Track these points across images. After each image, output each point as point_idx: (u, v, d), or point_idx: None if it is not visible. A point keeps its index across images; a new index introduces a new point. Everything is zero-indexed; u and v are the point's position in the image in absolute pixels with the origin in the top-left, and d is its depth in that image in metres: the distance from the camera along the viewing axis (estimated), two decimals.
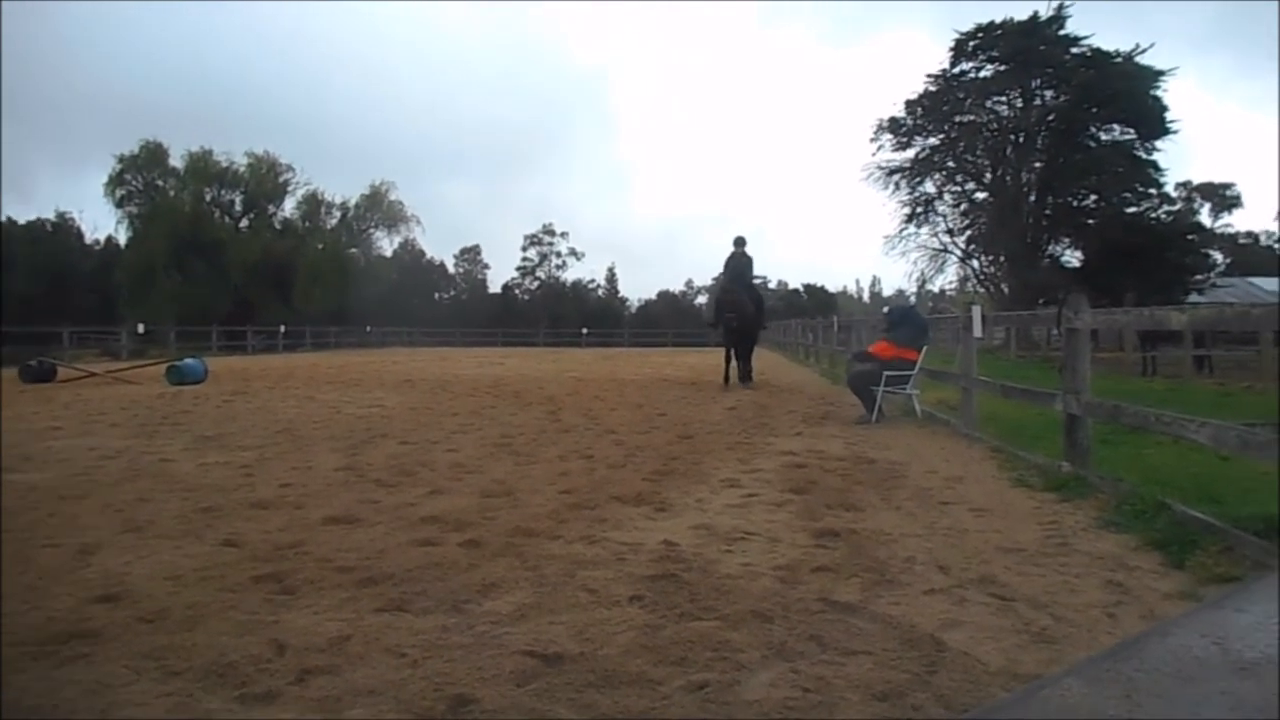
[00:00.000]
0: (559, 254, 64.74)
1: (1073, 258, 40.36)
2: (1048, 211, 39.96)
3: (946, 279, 47.18)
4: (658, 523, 4.61)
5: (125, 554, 3.93)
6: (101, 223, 67.37)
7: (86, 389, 14.56)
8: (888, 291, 78.13)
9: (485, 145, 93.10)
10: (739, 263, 15.03)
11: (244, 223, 51.10)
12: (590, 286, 66.63)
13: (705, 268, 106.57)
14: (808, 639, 2.85)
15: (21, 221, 46.37)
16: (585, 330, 51.59)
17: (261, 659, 2.67)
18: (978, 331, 8.52)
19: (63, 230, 47.48)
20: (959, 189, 43.12)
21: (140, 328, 30.84)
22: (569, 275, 65.64)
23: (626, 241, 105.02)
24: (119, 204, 47.86)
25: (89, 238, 48.97)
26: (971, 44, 39.59)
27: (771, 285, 72.60)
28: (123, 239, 48.24)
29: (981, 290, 42.96)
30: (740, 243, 15.06)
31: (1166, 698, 0.97)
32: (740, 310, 14.25)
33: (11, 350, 23.38)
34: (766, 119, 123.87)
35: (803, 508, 4.94)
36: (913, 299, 41.22)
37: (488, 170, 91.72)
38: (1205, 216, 59.03)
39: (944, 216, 43.62)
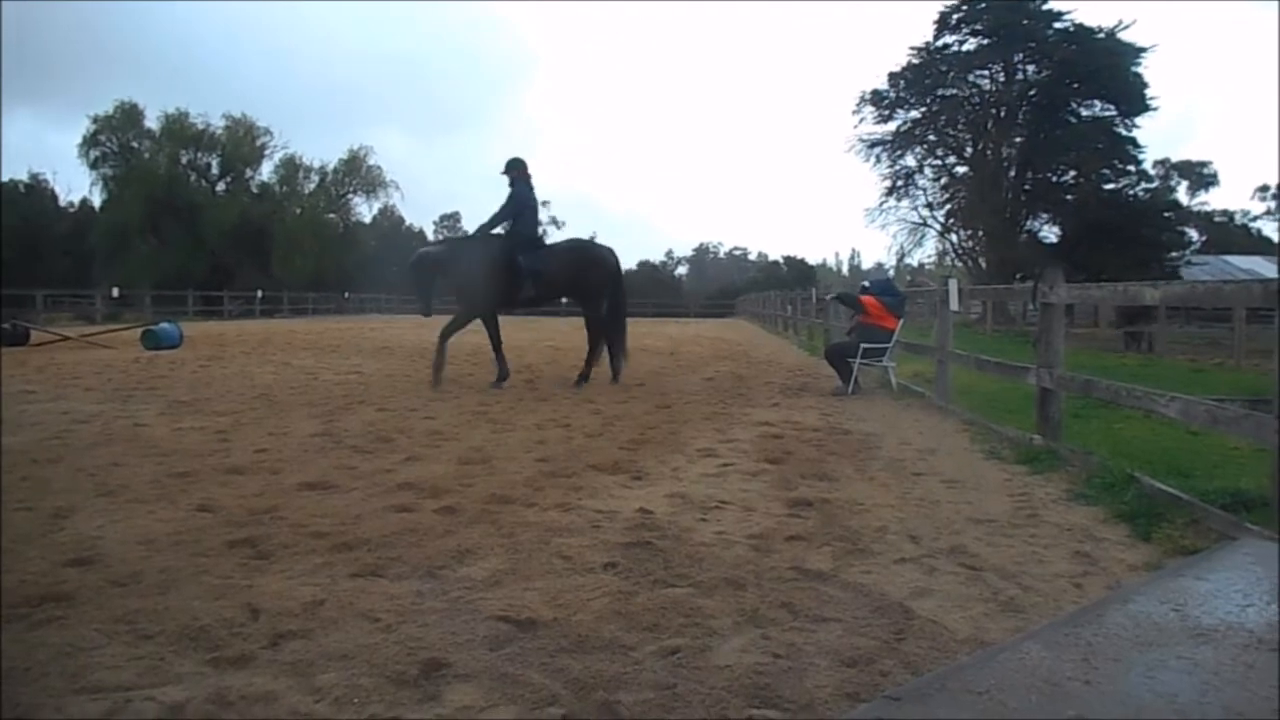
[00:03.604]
0: (540, 223, 64.45)
1: (1051, 233, 40.71)
2: (1027, 187, 40.17)
3: (925, 253, 47.40)
4: (634, 491, 4.63)
5: (98, 518, 3.91)
6: (76, 184, 66.37)
7: (60, 353, 14.41)
8: (867, 264, 78.46)
9: (461, 105, 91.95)
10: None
11: (220, 186, 50.40)
12: None
13: (685, 239, 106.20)
14: (779, 606, 2.88)
15: None
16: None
17: (235, 623, 2.67)
18: (954, 305, 8.56)
19: (36, 192, 46.78)
20: (939, 163, 43.25)
21: (115, 291, 30.55)
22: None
23: (606, 211, 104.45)
24: (94, 165, 47.06)
25: (63, 200, 48.28)
26: (955, 17, 39.55)
27: (751, 256, 72.75)
28: (97, 201, 47.57)
29: (960, 264, 43.20)
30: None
31: (1124, 661, 0.99)
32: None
33: None
34: (749, 88, 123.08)
35: (778, 477, 4.98)
36: (890, 272, 41.35)
37: (462, 134, 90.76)
38: (1182, 194, 59.47)
39: (924, 190, 43.84)
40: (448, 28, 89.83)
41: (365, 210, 57.65)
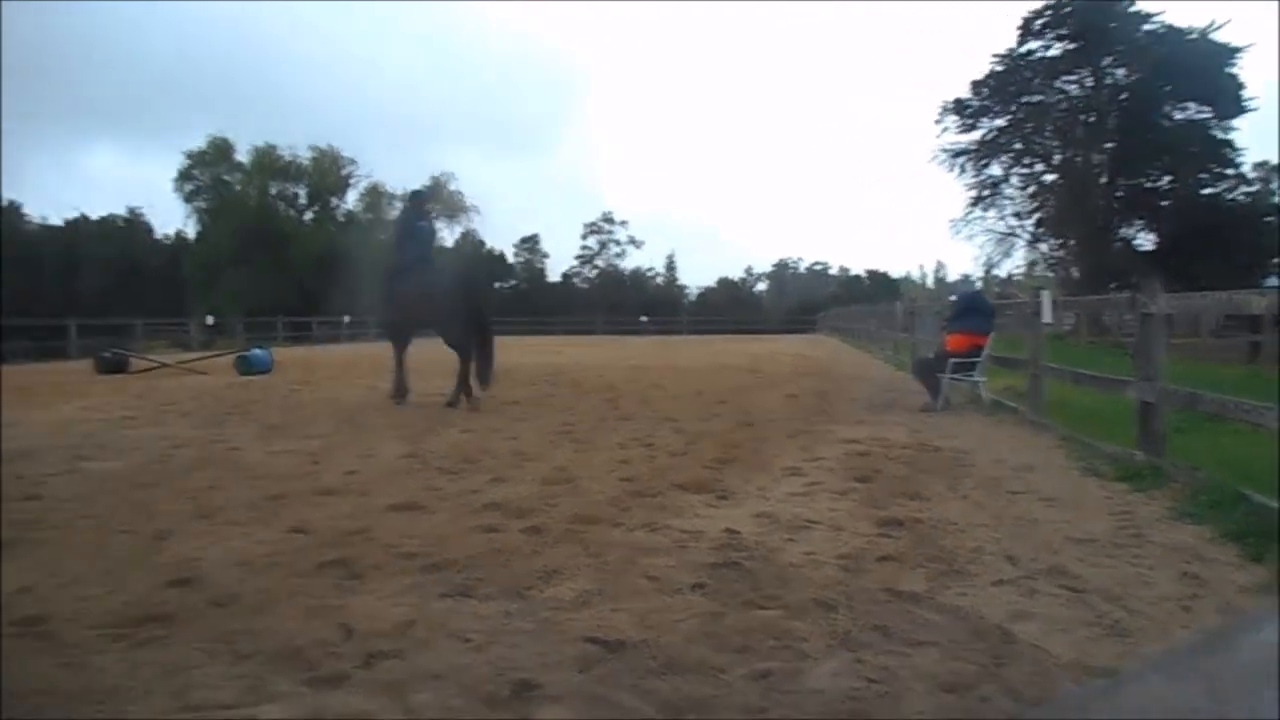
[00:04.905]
0: (618, 242, 64.74)
1: (1146, 241, 39.20)
2: (1119, 193, 38.82)
3: (1014, 263, 46.10)
4: (719, 510, 4.58)
5: (197, 540, 4.03)
6: (171, 218, 69.28)
7: (159, 379, 14.97)
8: (953, 276, 76.80)
9: (532, 123, 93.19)
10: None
11: (308, 215, 52.03)
12: (649, 274, 66.61)
13: (765, 255, 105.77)
14: (872, 629, 2.82)
15: (94, 217, 47.85)
16: (644, 318, 51.57)
17: (329, 643, 2.72)
18: (1047, 317, 8.31)
19: (134, 226, 48.79)
20: (1027, 171, 42.05)
21: (209, 319, 31.65)
22: (628, 263, 65.68)
23: (683, 227, 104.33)
24: (188, 199, 49.15)
25: (159, 233, 50.29)
26: (1039, 22, 38.58)
27: (833, 271, 71.97)
28: (191, 233, 49.55)
29: (1050, 274, 41.95)
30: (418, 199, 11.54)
31: (1260, 696, 0.93)
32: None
33: (86, 342, 24.23)
34: (828, 99, 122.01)
35: (866, 496, 4.88)
36: (978, 284, 40.42)
37: (543, 157, 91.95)
38: None
39: (1011, 199, 42.59)
40: (513, 47, 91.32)
41: (447, 235, 58.84)
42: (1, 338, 19.74)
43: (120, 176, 77.80)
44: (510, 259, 63.33)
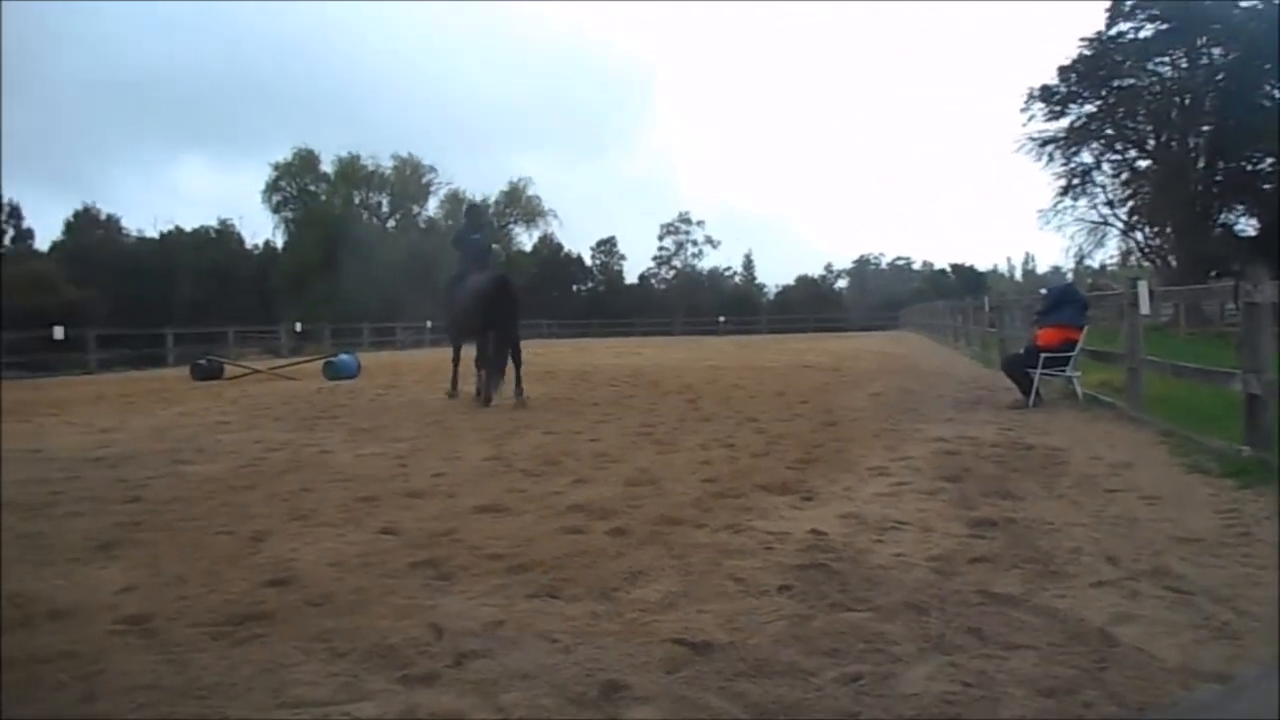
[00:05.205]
0: (695, 242, 64.64)
1: (1248, 226, 37.43)
2: (1218, 177, 37.14)
3: (1107, 253, 44.44)
4: (804, 511, 4.53)
5: (292, 541, 4.14)
6: (260, 228, 71.59)
7: (251, 385, 15.50)
8: (1042, 269, 74.68)
9: (616, 132, 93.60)
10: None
11: (390, 223, 53.29)
12: (727, 274, 66.36)
13: (845, 251, 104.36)
14: (966, 632, 2.74)
15: (188, 229, 49.76)
16: (722, 318, 51.38)
17: (421, 642, 2.76)
18: (1145, 308, 8.01)
19: (225, 236, 50.54)
20: (1119, 157, 40.48)
21: (298, 326, 32.51)
22: (705, 263, 65.54)
23: (760, 225, 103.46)
24: (276, 210, 50.86)
25: (249, 243, 52.02)
26: (1129, 3, 37.22)
27: (916, 266, 70.63)
28: (279, 243, 51.16)
29: (1147, 264, 40.38)
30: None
31: None
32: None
33: (182, 350, 25.23)
34: (906, 89, 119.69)
35: (957, 496, 4.77)
36: (1069, 275, 39.14)
37: (620, 159, 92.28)
38: None
39: (1103, 187, 41.03)
40: (586, 50, 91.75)
41: (525, 239, 59.58)
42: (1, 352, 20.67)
43: (211, 189, 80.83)
44: (588, 261, 63.74)
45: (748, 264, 67.57)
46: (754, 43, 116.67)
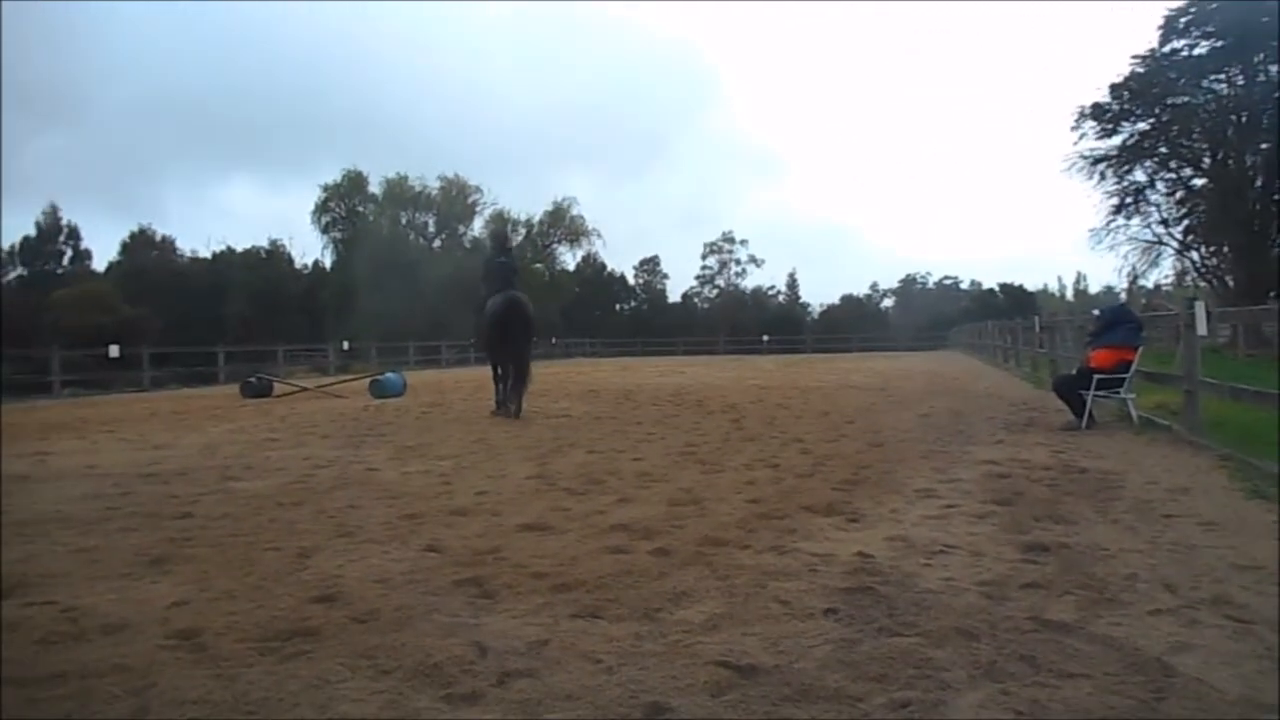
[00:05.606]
0: (738, 261, 64.66)
1: None
2: (1277, 196, 36.33)
3: (1161, 273, 43.59)
4: (850, 534, 4.47)
5: (339, 557, 4.17)
6: (309, 248, 73.01)
7: (299, 403, 15.71)
8: (1094, 289, 73.43)
9: (660, 151, 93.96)
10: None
11: (436, 243, 53.95)
12: (770, 293, 66.21)
13: (891, 270, 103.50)
14: (1019, 659, 2.68)
15: (239, 249, 50.85)
16: (766, 337, 51.24)
17: (465, 660, 2.76)
18: (1202, 329, 7.83)
19: (275, 256, 51.59)
20: (1173, 176, 39.70)
21: (345, 344, 32.98)
22: (749, 282, 65.51)
23: (805, 244, 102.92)
24: (324, 230, 51.82)
25: (298, 262, 52.98)
26: (1183, 20, 36.61)
27: (964, 285, 69.84)
28: (328, 262, 52.01)
29: (1203, 284, 39.49)
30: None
31: None
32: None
33: (233, 368, 25.70)
34: (953, 107, 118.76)
35: (1008, 520, 4.68)
36: (1123, 296, 38.40)
37: (663, 178, 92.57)
38: None
39: (1157, 206, 40.25)
40: (633, 69, 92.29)
41: (569, 258, 60.01)
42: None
43: (262, 210, 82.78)
44: (631, 280, 63.97)
45: (791, 283, 67.45)
46: (803, 59, 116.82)
